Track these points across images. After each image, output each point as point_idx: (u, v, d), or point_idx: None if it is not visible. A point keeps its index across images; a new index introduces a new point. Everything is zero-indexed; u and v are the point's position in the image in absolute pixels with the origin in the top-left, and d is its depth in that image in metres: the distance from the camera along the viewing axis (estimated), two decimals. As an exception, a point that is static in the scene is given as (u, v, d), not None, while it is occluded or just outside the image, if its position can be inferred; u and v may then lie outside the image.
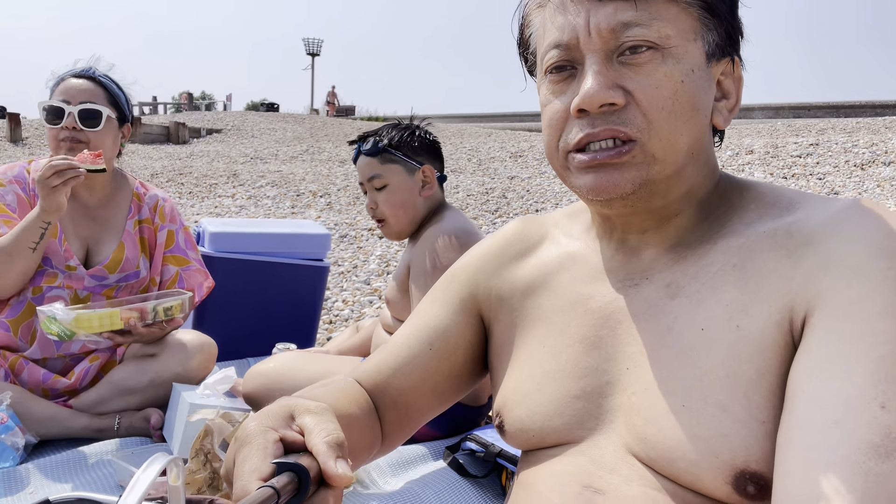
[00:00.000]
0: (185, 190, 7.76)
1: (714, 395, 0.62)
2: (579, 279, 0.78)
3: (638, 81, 0.65)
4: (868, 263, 0.59)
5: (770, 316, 0.62)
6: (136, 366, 1.84)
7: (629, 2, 0.65)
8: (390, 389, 0.83)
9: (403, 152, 1.75)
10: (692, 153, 0.68)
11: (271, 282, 2.32)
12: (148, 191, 2.02)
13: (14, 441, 1.55)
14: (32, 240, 1.64)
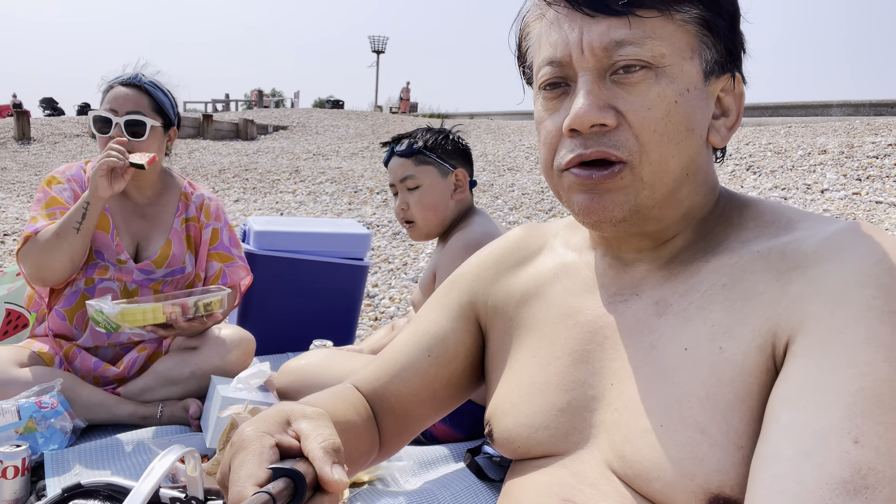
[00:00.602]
0: (249, 185, 8.01)
1: (692, 416, 0.61)
2: (571, 291, 0.78)
3: (630, 102, 0.64)
4: (854, 291, 0.57)
5: (753, 339, 0.61)
6: (180, 357, 1.93)
7: (623, 19, 0.63)
8: (388, 396, 0.83)
9: (437, 154, 1.78)
10: (687, 174, 0.67)
11: (312, 279, 2.39)
12: (195, 190, 2.11)
13: (63, 425, 1.66)
14: (76, 220, 1.74)
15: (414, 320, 0.90)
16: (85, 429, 1.78)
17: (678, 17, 0.64)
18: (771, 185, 6.29)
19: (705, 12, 0.65)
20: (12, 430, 1.58)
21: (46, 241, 1.75)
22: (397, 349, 0.86)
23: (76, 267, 1.83)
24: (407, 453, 1.65)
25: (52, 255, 1.75)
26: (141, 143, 1.86)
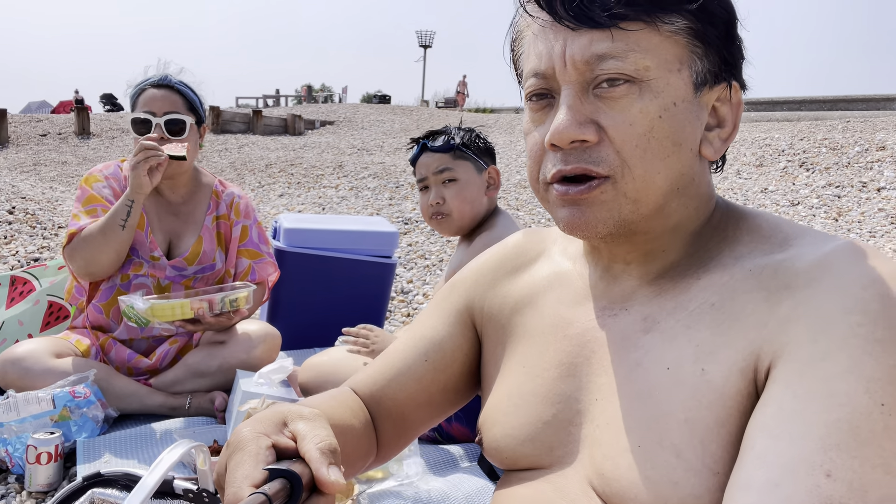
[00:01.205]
0: (294, 180, 8.16)
1: (670, 439, 0.60)
2: (563, 302, 0.77)
3: (612, 117, 0.63)
4: (839, 318, 0.55)
5: (735, 363, 0.59)
6: (208, 351, 1.99)
7: (605, 32, 0.61)
8: (385, 400, 0.83)
9: (473, 151, 1.80)
10: (676, 188, 0.65)
11: (340, 276, 2.42)
12: (226, 188, 2.17)
13: (95, 414, 1.74)
14: (121, 217, 1.82)
15: (413, 324, 0.90)
16: (117, 418, 1.86)
17: (665, 29, 0.62)
18: (824, 182, 6.06)
19: (695, 23, 0.63)
20: (47, 418, 1.67)
21: (94, 238, 1.83)
22: (395, 353, 0.86)
23: (122, 261, 1.91)
24: (421, 452, 1.66)
25: (101, 252, 1.84)
26: (182, 141, 1.93)
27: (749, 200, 5.83)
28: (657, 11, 0.61)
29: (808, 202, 5.58)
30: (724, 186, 6.41)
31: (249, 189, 7.72)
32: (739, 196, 5.99)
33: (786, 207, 5.52)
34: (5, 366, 1.78)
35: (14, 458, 1.61)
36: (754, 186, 6.28)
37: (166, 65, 2.06)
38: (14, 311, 2.11)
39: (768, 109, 13.99)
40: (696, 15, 0.62)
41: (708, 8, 0.63)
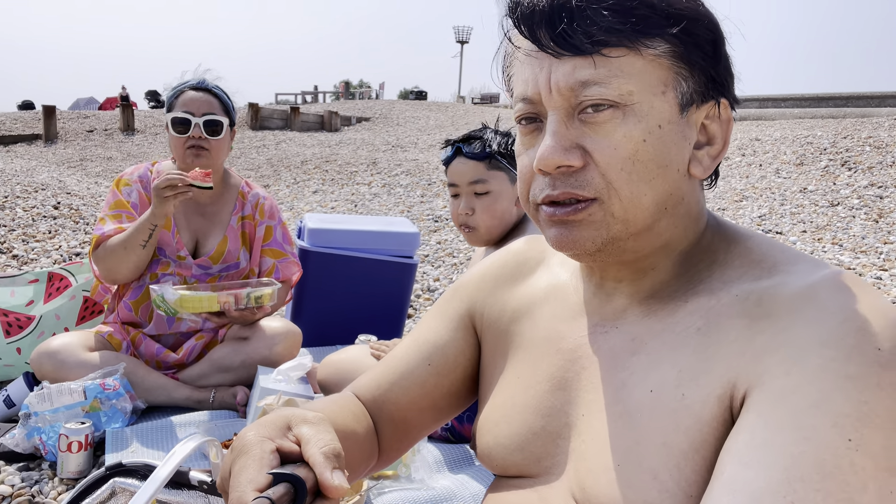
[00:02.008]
0: (328, 177, 8.27)
1: (648, 461, 0.62)
2: (558, 315, 0.78)
3: (597, 142, 0.63)
4: (813, 351, 0.55)
5: (714, 389, 0.60)
6: (232, 347, 2.07)
7: (588, 59, 0.62)
8: (388, 404, 0.83)
9: (508, 160, 1.68)
10: (664, 208, 0.66)
11: (362, 275, 2.47)
12: (251, 189, 2.24)
13: (123, 406, 1.82)
14: (143, 238, 1.92)
15: (416, 328, 0.91)
16: (145, 409, 1.95)
17: (648, 53, 0.62)
18: (867, 182, 5.89)
19: (678, 45, 0.63)
20: (79, 408, 1.76)
21: (116, 252, 1.93)
22: (398, 357, 0.86)
23: (141, 271, 2.02)
24: (432, 450, 1.70)
25: (122, 264, 1.95)
26: (217, 141, 2.01)
27: (787, 200, 5.70)
28: (639, 37, 0.62)
29: (848, 203, 5.43)
30: (762, 186, 6.28)
31: (284, 185, 7.87)
32: (777, 196, 5.86)
33: (825, 208, 5.39)
34: (41, 358, 1.88)
35: (47, 446, 1.70)
36: (793, 186, 6.14)
37: (205, 71, 2.14)
38: (51, 306, 2.22)
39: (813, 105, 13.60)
40: (679, 38, 0.63)
41: (691, 30, 0.63)
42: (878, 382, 0.52)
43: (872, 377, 0.53)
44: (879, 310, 0.56)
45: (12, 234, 4.20)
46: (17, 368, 2.15)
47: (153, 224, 1.90)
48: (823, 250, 4.35)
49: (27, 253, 3.88)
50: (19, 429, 1.72)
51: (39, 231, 4.33)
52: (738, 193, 6.20)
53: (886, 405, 0.52)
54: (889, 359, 0.53)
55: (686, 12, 0.63)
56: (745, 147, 7.92)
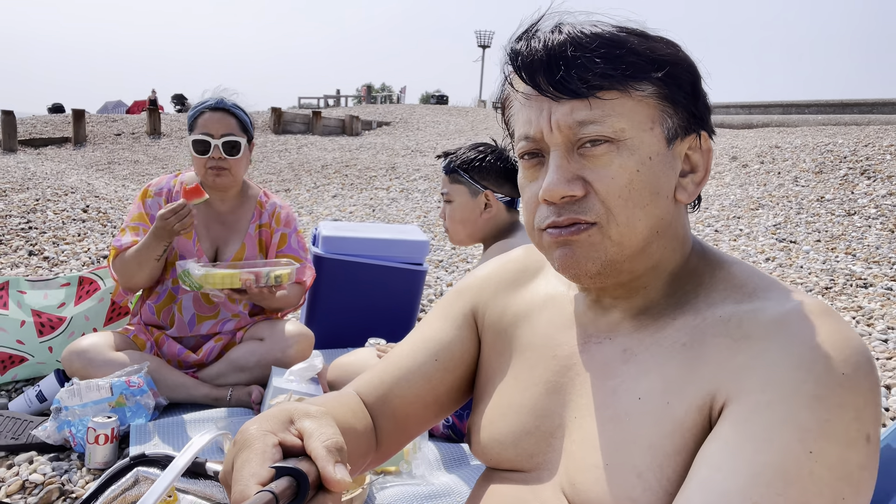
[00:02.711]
0: (348, 182, 8.40)
1: (633, 460, 0.68)
2: (555, 324, 0.84)
3: (596, 173, 0.70)
4: (787, 373, 0.62)
5: (695, 400, 0.67)
6: (248, 348, 2.18)
7: (584, 101, 0.69)
8: (392, 398, 0.86)
9: (470, 175, 1.88)
10: (656, 231, 0.72)
11: (373, 281, 2.58)
12: (269, 199, 2.36)
13: (146, 402, 1.94)
14: (156, 254, 2.06)
15: (418, 327, 0.94)
16: (167, 406, 2.07)
17: (637, 94, 0.70)
18: (885, 191, 5.86)
19: (663, 87, 0.70)
20: (106, 403, 1.88)
21: (131, 264, 2.07)
22: (403, 354, 0.90)
23: (155, 279, 2.16)
24: (431, 449, 1.79)
25: (137, 275, 2.09)
26: (236, 161, 2.13)
27: (804, 209, 5.70)
28: (629, 81, 0.69)
29: (864, 212, 5.42)
30: (779, 194, 6.28)
31: (305, 189, 8.02)
32: (794, 204, 5.87)
33: (841, 217, 5.38)
34: (71, 356, 2.01)
35: (76, 439, 1.83)
36: (811, 195, 6.13)
37: (223, 90, 2.27)
38: (81, 308, 2.35)
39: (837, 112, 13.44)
40: (663, 81, 0.70)
41: (673, 73, 0.71)
42: (840, 403, 0.60)
43: (835, 398, 0.60)
44: (844, 338, 0.64)
45: (43, 236, 4.38)
46: (49, 366, 2.29)
47: (166, 242, 2.03)
48: (836, 260, 4.37)
49: (57, 255, 4.05)
50: (51, 422, 1.85)
51: (69, 234, 4.51)
52: (754, 202, 6.20)
53: (845, 422, 0.59)
54: (851, 382, 0.61)
55: (668, 58, 0.71)
56: (765, 154, 7.90)
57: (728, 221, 5.66)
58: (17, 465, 1.79)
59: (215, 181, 2.15)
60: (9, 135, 10.61)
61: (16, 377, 2.27)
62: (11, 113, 10.80)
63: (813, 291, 3.80)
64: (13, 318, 2.22)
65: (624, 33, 0.71)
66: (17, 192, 5.59)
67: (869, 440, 0.61)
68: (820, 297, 3.70)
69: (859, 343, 0.65)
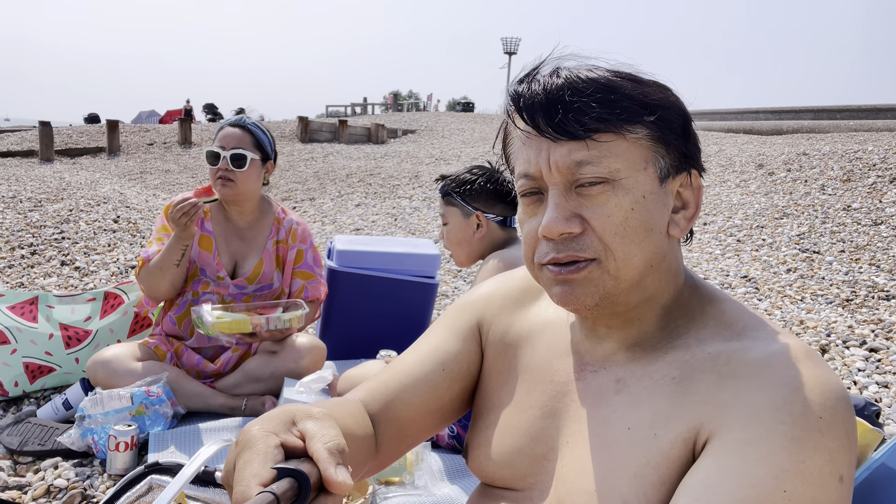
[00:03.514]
0: (371, 190, 8.50)
1: (620, 488, 0.71)
2: (553, 350, 0.87)
3: (593, 210, 0.73)
4: (767, 413, 0.65)
5: (681, 433, 0.70)
6: (263, 360, 2.27)
7: (581, 143, 0.72)
8: (397, 404, 0.87)
9: (462, 197, 1.96)
10: (650, 265, 0.76)
11: (386, 294, 2.64)
12: (286, 215, 2.44)
13: (165, 411, 2.03)
14: (176, 258, 2.16)
15: (422, 339, 0.95)
16: (184, 415, 2.16)
17: (631, 137, 0.73)
18: (914, 200, 5.75)
19: (655, 130, 0.74)
20: (126, 412, 1.97)
21: (154, 272, 2.18)
22: (409, 363, 0.91)
23: (178, 288, 2.25)
24: (434, 460, 1.84)
25: (160, 283, 2.19)
26: (242, 173, 2.22)
27: (829, 218, 5.62)
28: (623, 124, 0.73)
29: (892, 221, 5.33)
30: (805, 203, 6.20)
31: (329, 198, 8.14)
32: (819, 213, 5.79)
33: (867, 227, 5.30)
34: (95, 366, 2.12)
35: (98, 445, 1.92)
36: (837, 203, 6.04)
37: (251, 111, 2.39)
38: (106, 321, 2.47)
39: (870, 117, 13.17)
40: (655, 124, 0.74)
41: (665, 117, 0.75)
42: (815, 445, 0.63)
43: (811, 440, 0.64)
44: (824, 383, 0.68)
45: (75, 246, 4.55)
46: (75, 376, 2.40)
47: (183, 245, 2.13)
48: (859, 271, 4.31)
49: (88, 265, 4.20)
50: (75, 429, 1.95)
51: (100, 244, 4.67)
52: (778, 210, 6.13)
53: (818, 464, 0.63)
54: (827, 426, 0.65)
55: (660, 102, 0.75)
56: (792, 162, 7.79)
57: (751, 231, 5.61)
58: (43, 470, 1.89)
59: (222, 191, 2.24)
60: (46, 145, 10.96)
61: (44, 386, 2.39)
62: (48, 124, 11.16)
63: (833, 303, 3.76)
64: (42, 332, 2.34)
65: (618, 78, 0.75)
66: (51, 202, 5.80)
67: (842, 480, 0.64)
68: (840, 309, 3.66)
69: (838, 387, 0.68)
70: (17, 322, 2.31)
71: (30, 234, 4.73)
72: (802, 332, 3.31)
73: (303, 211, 7.43)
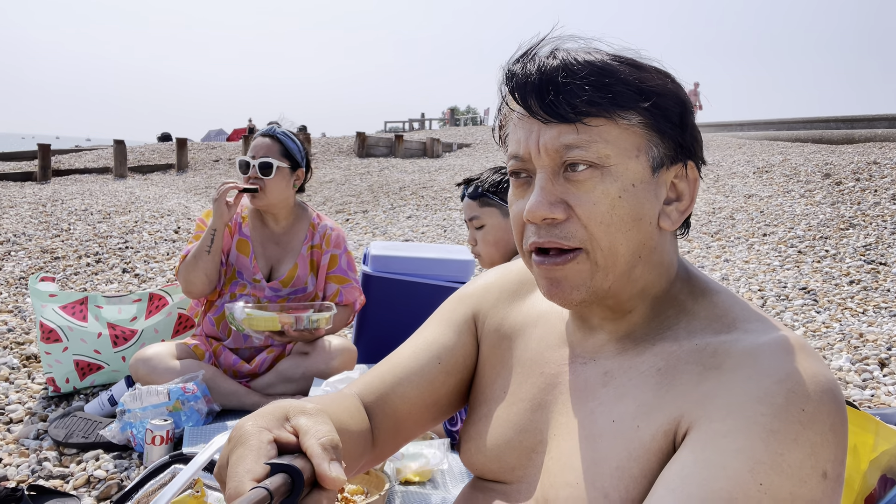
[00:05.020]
0: (423, 203, 8.58)
1: (601, 481, 0.70)
2: (546, 342, 0.86)
3: (578, 197, 0.71)
4: (747, 404, 0.64)
5: (662, 425, 0.69)
6: (295, 361, 2.32)
7: (571, 125, 0.71)
8: (394, 397, 0.87)
9: (500, 197, 1.94)
10: (638, 256, 0.74)
11: (418, 299, 2.66)
12: (321, 221, 2.50)
13: (199, 408, 2.11)
14: (207, 245, 2.25)
15: (419, 332, 0.95)
16: (219, 412, 2.23)
17: (623, 123, 0.71)
18: None
19: (649, 117, 0.72)
20: (164, 407, 2.05)
21: (189, 264, 2.27)
22: (406, 355, 0.91)
23: (213, 282, 2.31)
24: (456, 461, 1.84)
25: (193, 274, 2.27)
26: (269, 181, 2.30)
27: (899, 228, 5.33)
28: (615, 109, 0.71)
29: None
30: (873, 213, 5.89)
31: (381, 210, 8.27)
32: (889, 224, 5.49)
33: (941, 237, 5.00)
34: (137, 363, 2.22)
35: (137, 439, 2.00)
36: (909, 213, 5.72)
37: (282, 120, 2.47)
38: (151, 322, 2.58)
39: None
40: (649, 111, 0.72)
41: (660, 104, 0.72)
42: (795, 438, 0.61)
43: (791, 433, 0.61)
44: (812, 375, 0.65)
45: (137, 255, 4.78)
46: (122, 373, 2.51)
47: (214, 229, 2.23)
48: (928, 284, 4.06)
49: (146, 272, 4.41)
50: (116, 423, 2.04)
51: (159, 253, 4.89)
52: (844, 221, 5.85)
53: (798, 458, 0.60)
54: (810, 418, 0.62)
55: (656, 89, 0.72)
56: (861, 171, 7.43)
57: (813, 242, 5.36)
58: (85, 461, 1.99)
59: (253, 201, 2.33)
60: (120, 162, 11.58)
61: (93, 383, 2.51)
62: (122, 142, 11.80)
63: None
64: (91, 331, 2.47)
65: (616, 62, 0.73)
66: (119, 214, 6.12)
67: (825, 476, 0.61)
68: None
69: (828, 381, 0.65)
70: (68, 321, 2.44)
71: (96, 244, 5.01)
72: (862, 345, 3.15)
73: (355, 223, 7.57)
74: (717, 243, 5.54)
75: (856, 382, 2.77)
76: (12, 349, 2.90)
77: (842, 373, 2.89)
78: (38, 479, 1.89)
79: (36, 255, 4.71)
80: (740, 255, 5.14)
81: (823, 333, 3.41)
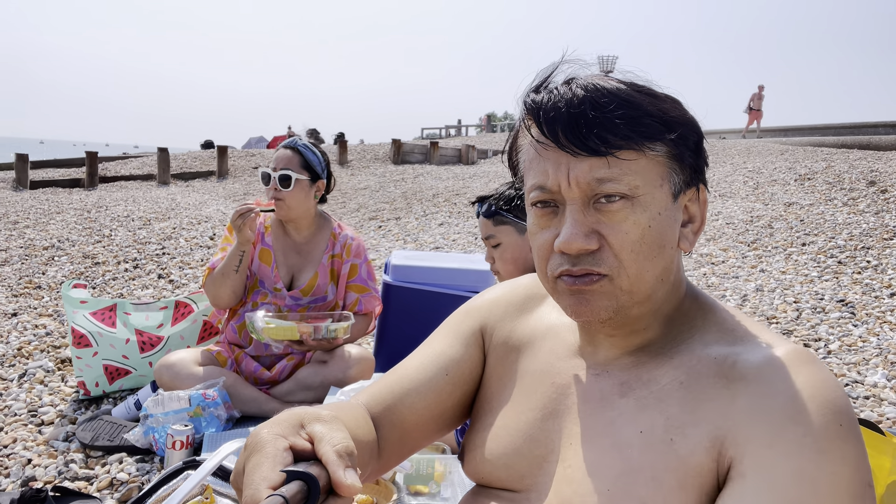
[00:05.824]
0: (455, 210, 8.60)
1: (637, 490, 0.70)
2: (556, 353, 0.87)
3: (611, 227, 0.74)
4: (789, 428, 0.65)
5: (701, 442, 0.70)
6: (314, 369, 2.36)
7: (603, 159, 0.72)
8: (401, 408, 0.88)
9: (515, 214, 1.90)
10: (661, 280, 0.77)
11: (437, 308, 2.66)
12: (342, 230, 2.54)
13: (219, 414, 2.15)
14: (234, 265, 2.30)
15: (426, 344, 0.96)
16: (239, 418, 2.28)
17: (650, 154, 0.74)
18: None
19: (674, 147, 0.75)
20: (185, 413, 2.11)
21: (216, 280, 2.34)
22: (413, 367, 0.92)
23: (238, 296, 2.38)
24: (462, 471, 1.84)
25: (221, 290, 2.34)
26: (288, 193, 2.34)
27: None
28: (644, 141, 0.73)
29: None
30: None
31: (414, 217, 8.32)
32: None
33: None
34: (161, 369, 2.28)
35: (158, 443, 2.06)
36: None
37: (304, 132, 2.52)
38: (177, 328, 2.65)
39: None
40: (674, 141, 0.75)
41: (683, 135, 0.76)
42: (842, 456, 0.63)
43: (838, 451, 0.63)
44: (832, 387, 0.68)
45: (173, 261, 4.91)
46: (148, 378, 2.59)
47: (241, 251, 2.28)
48: (976, 297, 3.89)
49: (181, 278, 4.52)
50: (139, 427, 2.11)
51: (194, 259, 5.02)
52: (889, 231, 5.65)
53: (849, 475, 0.63)
54: (847, 433, 0.65)
55: (679, 119, 0.75)
56: (908, 178, 7.17)
57: (855, 252, 5.19)
58: (109, 464, 2.06)
59: (276, 212, 2.37)
60: (163, 169, 11.91)
61: (121, 387, 2.59)
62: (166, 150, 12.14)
63: (941, 331, 3.41)
64: (120, 336, 2.55)
65: (637, 93, 0.75)
66: (159, 221, 6.30)
67: (869, 485, 0.64)
68: (948, 337, 3.31)
69: (841, 390, 0.68)
70: (98, 327, 2.53)
71: (135, 250, 5.16)
72: (899, 360, 3.03)
73: (387, 230, 7.63)
74: (753, 252, 5.41)
75: (891, 399, 2.68)
76: (49, 352, 3.01)
77: (876, 389, 2.79)
78: (63, 480, 1.96)
79: (78, 260, 4.88)
80: (777, 265, 5.02)
81: (860, 348, 3.31)
